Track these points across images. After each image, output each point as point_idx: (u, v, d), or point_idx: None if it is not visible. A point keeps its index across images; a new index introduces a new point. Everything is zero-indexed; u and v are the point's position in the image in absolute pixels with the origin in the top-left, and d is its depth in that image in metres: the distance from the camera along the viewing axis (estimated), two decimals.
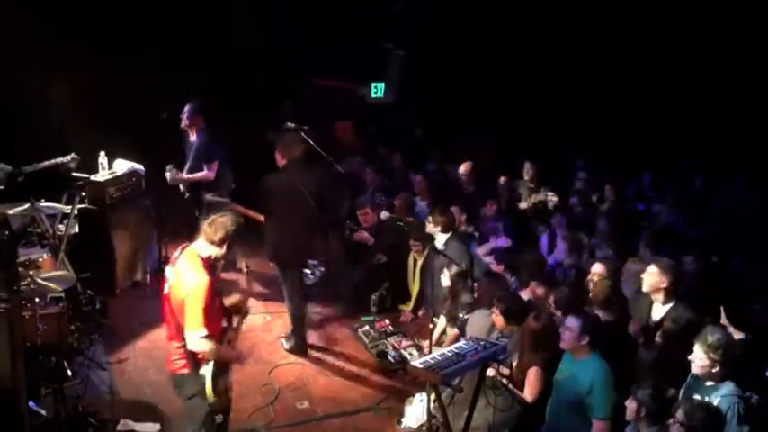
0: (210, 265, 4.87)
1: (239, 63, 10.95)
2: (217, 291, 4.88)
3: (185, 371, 4.92)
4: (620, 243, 7.70)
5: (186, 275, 4.80)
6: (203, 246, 4.87)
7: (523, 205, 9.49)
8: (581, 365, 5.32)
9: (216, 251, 4.86)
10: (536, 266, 7.13)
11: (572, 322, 5.35)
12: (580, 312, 5.54)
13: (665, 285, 5.97)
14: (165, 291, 4.95)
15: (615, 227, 7.97)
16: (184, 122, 8.43)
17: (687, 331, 5.39)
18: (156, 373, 6.89)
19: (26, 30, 8.94)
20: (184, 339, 4.80)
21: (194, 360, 4.85)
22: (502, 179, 10.06)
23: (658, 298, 6.03)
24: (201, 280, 4.74)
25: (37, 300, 5.99)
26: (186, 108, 8.41)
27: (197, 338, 4.71)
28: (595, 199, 9.51)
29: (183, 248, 4.98)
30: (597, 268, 6.68)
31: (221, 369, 4.93)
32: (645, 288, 6.09)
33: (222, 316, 5.03)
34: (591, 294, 6.29)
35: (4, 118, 8.94)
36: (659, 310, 6.04)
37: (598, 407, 5.17)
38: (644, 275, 6.09)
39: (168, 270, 4.98)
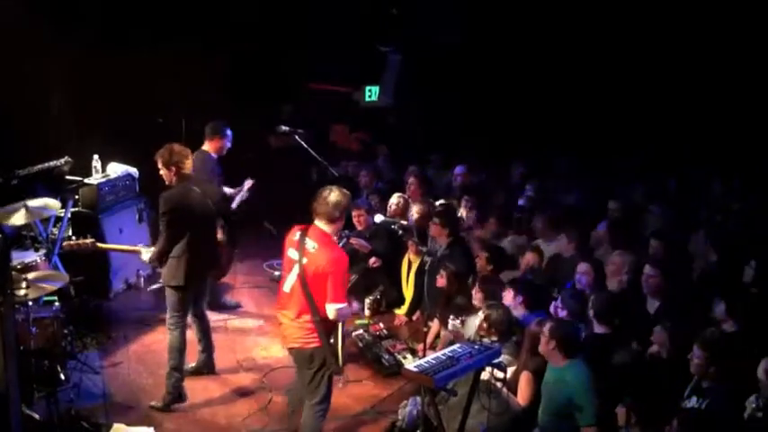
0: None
1: (238, 66, 10.95)
2: None
3: (316, 344, 5.24)
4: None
5: (326, 253, 5.17)
6: (325, 225, 5.24)
7: None
8: (561, 372, 5.33)
9: (335, 227, 5.28)
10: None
11: (545, 326, 5.43)
12: (555, 319, 5.56)
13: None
14: (297, 269, 5.21)
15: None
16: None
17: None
18: (150, 377, 6.88)
19: (22, 30, 8.95)
20: (316, 314, 5.17)
21: (325, 332, 5.21)
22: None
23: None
24: (341, 256, 5.23)
25: (30, 303, 5.98)
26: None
27: (337, 309, 5.17)
28: None
29: (304, 229, 5.30)
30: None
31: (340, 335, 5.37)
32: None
33: None
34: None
35: None
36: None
37: (585, 413, 5.16)
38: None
39: (292, 252, 5.28)
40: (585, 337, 5.85)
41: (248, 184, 8.31)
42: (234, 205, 8.11)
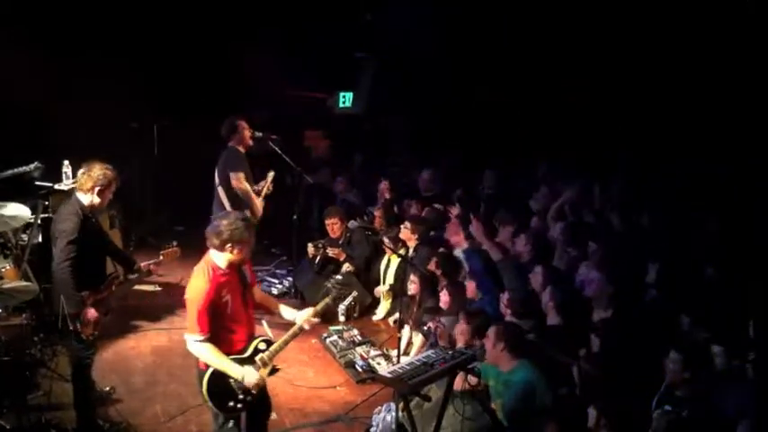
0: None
1: (211, 72, 10.92)
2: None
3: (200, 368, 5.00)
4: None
5: (191, 280, 4.91)
6: (212, 251, 4.94)
7: None
8: (509, 376, 5.44)
9: (222, 255, 4.89)
10: None
11: (489, 331, 5.50)
12: (499, 322, 5.66)
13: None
14: None
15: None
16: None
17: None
18: (121, 385, 6.81)
19: None
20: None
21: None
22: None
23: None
24: (200, 286, 4.82)
25: None
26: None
27: (190, 341, 4.85)
28: None
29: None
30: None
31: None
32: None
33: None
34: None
35: None
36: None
37: (541, 406, 5.25)
38: None
39: None
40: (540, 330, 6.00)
41: (271, 176, 8.39)
42: (262, 195, 8.22)
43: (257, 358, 5.05)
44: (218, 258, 4.91)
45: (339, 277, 6.59)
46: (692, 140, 10.11)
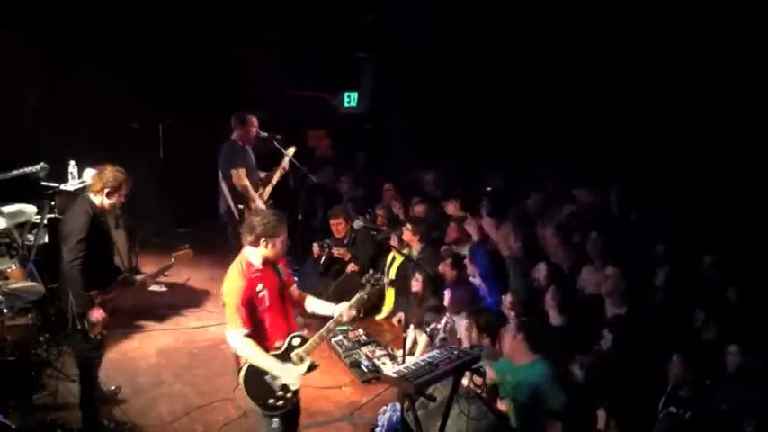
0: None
1: (212, 72, 10.93)
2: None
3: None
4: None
5: (227, 278, 5.01)
6: (246, 249, 5.03)
7: None
8: (526, 371, 5.46)
9: (256, 251, 4.98)
10: None
11: (510, 325, 5.62)
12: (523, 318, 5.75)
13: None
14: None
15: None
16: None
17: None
18: (126, 385, 6.82)
19: None
20: None
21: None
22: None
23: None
24: (234, 283, 4.94)
25: (5, 311, 5.93)
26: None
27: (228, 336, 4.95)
28: None
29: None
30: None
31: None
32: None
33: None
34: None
35: None
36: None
37: (551, 406, 5.29)
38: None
39: None
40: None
41: (291, 151, 8.41)
42: (273, 181, 8.31)
43: (293, 354, 5.04)
44: (253, 255, 5.00)
45: (373, 271, 6.65)
46: (691, 140, 10.15)
